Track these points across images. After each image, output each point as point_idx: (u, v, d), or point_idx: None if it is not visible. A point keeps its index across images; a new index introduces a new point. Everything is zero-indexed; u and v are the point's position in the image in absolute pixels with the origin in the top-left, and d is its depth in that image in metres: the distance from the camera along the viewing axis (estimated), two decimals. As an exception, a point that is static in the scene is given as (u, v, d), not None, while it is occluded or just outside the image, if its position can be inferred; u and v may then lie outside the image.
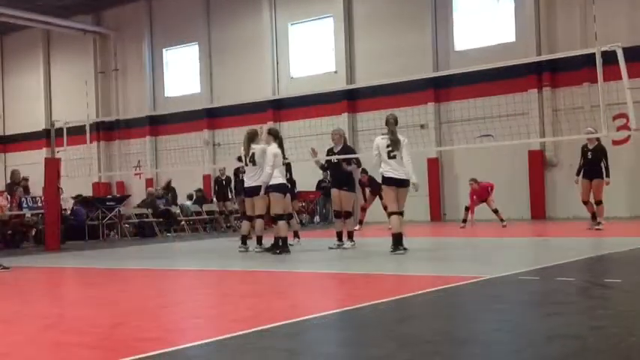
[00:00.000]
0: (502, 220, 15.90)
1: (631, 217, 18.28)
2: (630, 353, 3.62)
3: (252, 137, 11.08)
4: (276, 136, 10.92)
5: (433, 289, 6.08)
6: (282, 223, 10.58)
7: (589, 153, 13.17)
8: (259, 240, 11.10)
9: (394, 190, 9.69)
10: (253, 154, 10.86)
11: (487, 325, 4.54)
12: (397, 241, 9.55)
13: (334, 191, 11.24)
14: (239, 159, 12.14)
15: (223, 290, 7.05)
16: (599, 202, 13.17)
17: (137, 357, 3.81)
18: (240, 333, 4.35)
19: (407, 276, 7.70)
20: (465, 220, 16.31)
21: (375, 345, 3.96)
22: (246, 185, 11.17)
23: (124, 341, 4.35)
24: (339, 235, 11.09)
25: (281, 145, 10.86)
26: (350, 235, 11.12)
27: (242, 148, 11.20)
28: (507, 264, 7.98)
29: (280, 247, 10.45)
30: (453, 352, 3.76)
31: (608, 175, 13.15)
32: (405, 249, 9.52)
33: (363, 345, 4.05)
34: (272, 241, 10.80)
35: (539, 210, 19.94)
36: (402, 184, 9.64)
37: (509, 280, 6.54)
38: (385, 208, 12.60)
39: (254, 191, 10.90)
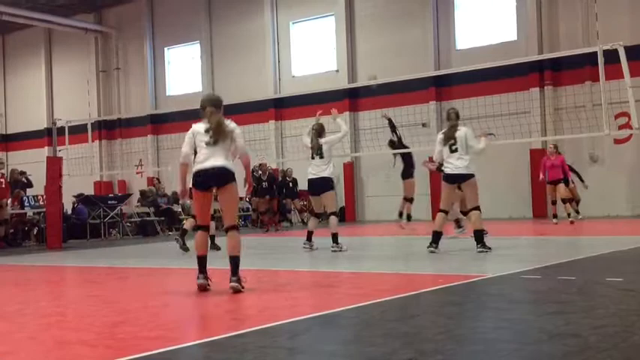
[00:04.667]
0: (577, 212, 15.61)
1: (632, 215, 18.27)
2: (631, 352, 3.62)
3: (319, 132, 10.62)
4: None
5: (435, 287, 6.08)
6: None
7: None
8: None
9: (448, 187, 9.34)
10: (321, 146, 10.48)
11: (489, 324, 4.54)
12: (478, 237, 9.14)
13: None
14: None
15: (224, 289, 7.06)
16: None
17: (139, 355, 3.82)
18: (242, 332, 4.36)
19: (409, 274, 7.70)
20: (555, 216, 15.49)
21: (377, 343, 3.96)
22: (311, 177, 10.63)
23: (126, 340, 4.35)
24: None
25: None
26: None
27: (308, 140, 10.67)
28: (509, 263, 7.98)
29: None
30: (455, 351, 3.76)
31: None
32: (488, 247, 9.05)
33: (364, 343, 4.05)
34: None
35: (540, 209, 19.92)
36: (457, 179, 9.23)
37: (511, 279, 6.54)
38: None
39: (322, 185, 10.48)
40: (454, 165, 9.19)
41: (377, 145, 17.30)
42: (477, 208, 9.17)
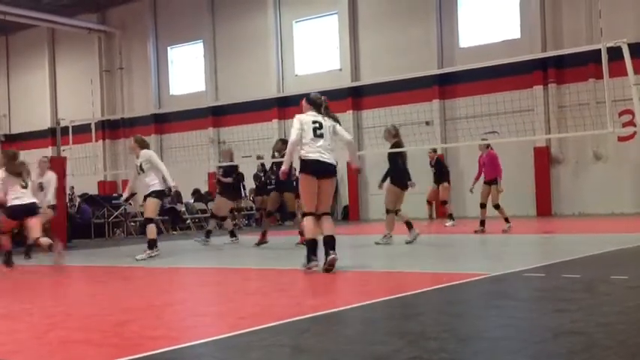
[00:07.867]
0: (507, 220, 13.10)
1: (637, 213, 18.23)
2: (637, 350, 3.61)
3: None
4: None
5: (439, 286, 6.07)
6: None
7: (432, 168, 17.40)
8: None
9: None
10: (142, 163, 11.31)
11: (493, 322, 4.53)
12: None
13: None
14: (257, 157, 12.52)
15: (228, 288, 7.06)
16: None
17: (144, 355, 3.82)
18: (247, 330, 4.36)
19: (412, 273, 7.69)
20: (482, 222, 13.17)
21: (381, 342, 3.96)
22: None
23: (131, 339, 4.36)
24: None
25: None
26: None
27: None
28: (513, 261, 7.97)
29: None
30: (459, 349, 3.76)
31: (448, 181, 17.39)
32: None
33: (369, 342, 4.05)
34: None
35: (544, 207, 19.91)
36: None
37: (515, 277, 6.53)
38: None
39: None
40: None
41: (380, 143, 17.28)
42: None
